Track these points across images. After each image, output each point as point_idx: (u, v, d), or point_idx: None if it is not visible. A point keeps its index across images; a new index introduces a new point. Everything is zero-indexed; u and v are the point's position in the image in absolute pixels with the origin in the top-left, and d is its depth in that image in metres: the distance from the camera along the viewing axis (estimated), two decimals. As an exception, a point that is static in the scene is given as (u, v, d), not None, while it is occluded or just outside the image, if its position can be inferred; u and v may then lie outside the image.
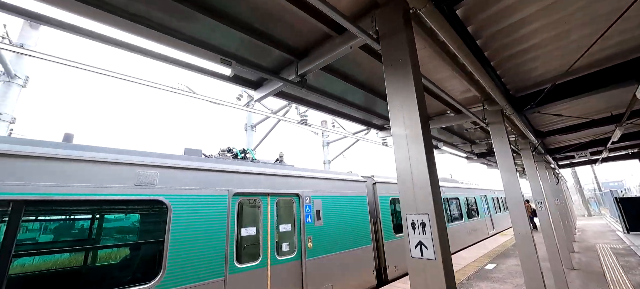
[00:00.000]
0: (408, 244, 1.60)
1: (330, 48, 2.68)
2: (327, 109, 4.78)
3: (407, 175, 1.73)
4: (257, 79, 3.49)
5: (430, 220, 1.50)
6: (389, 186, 8.08)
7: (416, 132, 1.75)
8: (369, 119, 5.62)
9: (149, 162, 3.68)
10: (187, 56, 2.36)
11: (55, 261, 3.01)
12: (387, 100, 2.01)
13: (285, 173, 5.32)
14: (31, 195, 2.85)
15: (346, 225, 6.16)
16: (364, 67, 3.56)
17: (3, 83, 7.19)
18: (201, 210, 4.00)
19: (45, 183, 2.94)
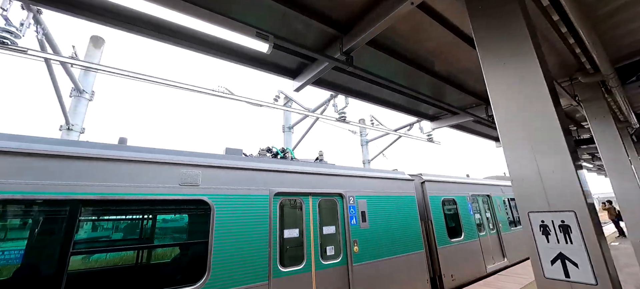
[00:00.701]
0: (536, 258, 1.11)
1: (381, 12, 2.26)
2: (371, 98, 4.35)
3: (527, 158, 1.21)
4: (296, 66, 3.22)
5: (580, 220, 0.98)
6: (440, 185, 7.27)
7: (540, 95, 1.23)
8: (418, 108, 5.05)
9: (192, 162, 3.64)
10: (224, 32, 2.16)
11: (107, 260, 3.06)
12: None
13: (326, 172, 4.99)
14: (87, 194, 2.93)
15: (394, 228, 5.60)
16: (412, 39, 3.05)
17: (74, 98, 8.08)
18: (243, 210, 3.86)
19: (99, 183, 3.01)
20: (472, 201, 8.17)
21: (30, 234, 2.69)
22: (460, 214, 7.45)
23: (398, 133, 10.57)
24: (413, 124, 11.57)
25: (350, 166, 5.64)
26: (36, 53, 4.83)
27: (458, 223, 7.36)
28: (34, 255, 2.67)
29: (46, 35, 5.52)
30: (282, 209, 4.37)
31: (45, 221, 2.80)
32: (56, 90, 6.44)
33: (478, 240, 7.69)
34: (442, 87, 4.13)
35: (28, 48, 4.68)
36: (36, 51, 4.84)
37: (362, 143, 13.96)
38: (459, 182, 8.02)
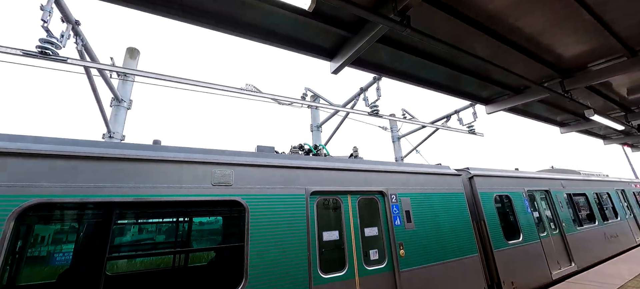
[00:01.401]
0: None
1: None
2: (416, 79, 3.82)
3: None
4: (331, 44, 2.84)
5: None
6: (491, 180, 6.44)
7: None
8: (469, 89, 4.39)
9: (224, 160, 3.41)
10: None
11: (139, 264, 2.91)
12: None
13: (365, 168, 4.54)
14: (121, 197, 2.79)
15: (443, 229, 4.97)
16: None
17: (114, 107, 8.46)
18: (279, 211, 3.55)
19: (133, 185, 2.87)
20: (529, 197, 7.18)
21: (65, 238, 2.60)
22: (516, 212, 6.54)
23: (435, 125, 9.75)
24: (450, 115, 10.64)
25: (389, 161, 5.13)
26: (76, 62, 5.00)
27: (515, 222, 6.46)
28: (76, 259, 2.57)
29: (85, 46, 5.75)
30: (320, 209, 4.01)
31: (80, 226, 2.70)
32: (97, 100, 6.72)
33: (539, 242, 6.69)
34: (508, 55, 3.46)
35: (68, 57, 4.84)
36: (76, 60, 5.01)
37: (393, 139, 13.22)
38: (513, 176, 7.08)
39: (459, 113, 10.36)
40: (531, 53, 3.53)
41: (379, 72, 3.43)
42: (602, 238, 9.06)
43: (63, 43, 5.04)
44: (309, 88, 9.21)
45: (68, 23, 5.22)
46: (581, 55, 3.50)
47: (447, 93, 4.15)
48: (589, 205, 9.34)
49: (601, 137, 6.67)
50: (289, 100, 7.25)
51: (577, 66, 3.65)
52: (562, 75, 3.94)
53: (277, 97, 6.51)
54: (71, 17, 5.12)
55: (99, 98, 6.88)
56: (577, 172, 11.08)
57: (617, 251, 9.65)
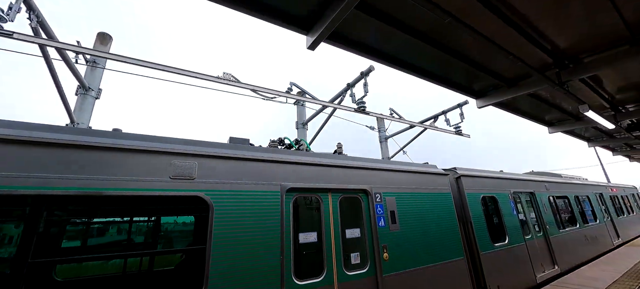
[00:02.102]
0: None
1: None
2: (404, 64, 3.49)
3: None
4: (307, 11, 2.48)
5: None
6: (478, 181, 6.27)
7: None
8: (461, 79, 4.11)
9: (186, 150, 2.99)
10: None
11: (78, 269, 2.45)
12: None
13: (348, 165, 4.21)
14: (51, 190, 2.32)
15: (430, 231, 4.71)
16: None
17: (80, 96, 7.78)
18: (249, 209, 3.16)
19: (62, 176, 2.40)
20: (514, 199, 7.08)
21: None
22: (502, 214, 6.41)
23: (423, 125, 9.59)
24: (438, 116, 10.55)
25: (374, 158, 4.83)
26: (24, 38, 4.40)
27: (501, 224, 6.32)
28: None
29: (41, 22, 5.15)
30: (297, 208, 3.64)
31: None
32: (57, 86, 6.07)
33: (524, 244, 6.59)
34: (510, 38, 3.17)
35: (14, 32, 4.26)
36: (25, 35, 4.41)
37: (381, 139, 13.04)
38: (499, 177, 6.96)
39: (446, 113, 10.27)
40: (531, 38, 3.30)
41: (364, 53, 3.07)
42: (583, 240, 9.15)
43: (11, 16, 4.45)
44: (294, 83, 8.83)
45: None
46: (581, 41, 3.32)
47: (437, 82, 3.87)
48: (570, 208, 9.42)
49: (586, 139, 6.67)
50: (271, 93, 6.85)
51: (574, 54, 3.47)
52: (559, 66, 3.78)
53: (257, 87, 6.09)
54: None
55: (59, 83, 6.21)
56: (558, 175, 11.24)
57: (597, 253, 9.80)
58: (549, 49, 3.42)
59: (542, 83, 3.67)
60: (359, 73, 7.40)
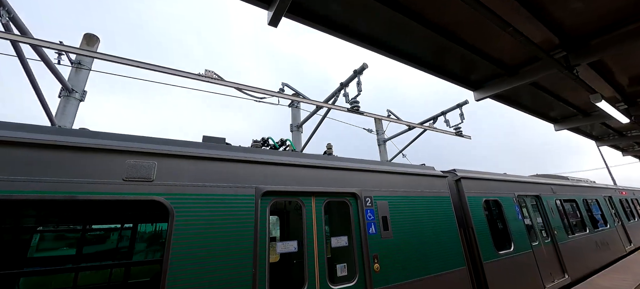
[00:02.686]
0: None
1: None
2: (390, 49, 3.08)
3: None
4: None
5: None
6: (479, 184, 5.85)
7: None
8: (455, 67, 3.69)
9: (143, 149, 2.64)
10: None
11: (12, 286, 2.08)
12: None
13: (334, 165, 3.83)
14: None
15: (426, 238, 4.30)
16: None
17: (63, 99, 7.50)
18: (217, 216, 2.79)
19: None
20: (519, 203, 6.64)
21: None
22: (507, 219, 5.96)
23: (422, 127, 9.21)
24: (437, 117, 10.17)
25: (365, 159, 4.45)
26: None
27: (505, 230, 5.88)
28: None
29: (13, 18, 4.89)
30: (276, 214, 3.26)
31: None
32: (34, 86, 5.79)
33: (531, 252, 6.12)
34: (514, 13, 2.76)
35: None
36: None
37: (379, 142, 12.65)
38: (502, 180, 6.53)
39: (445, 114, 9.89)
40: (535, 11, 2.89)
41: (336, 32, 2.65)
42: (593, 246, 8.63)
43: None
44: (286, 84, 8.51)
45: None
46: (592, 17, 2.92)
47: (429, 71, 3.47)
48: (579, 212, 8.93)
49: (594, 137, 6.22)
50: (261, 93, 6.52)
51: (585, 33, 3.06)
52: (567, 47, 3.36)
53: (244, 86, 5.77)
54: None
55: (36, 83, 5.92)
56: (565, 178, 10.74)
57: (609, 261, 9.24)
58: (557, 25, 2.97)
59: (547, 67, 3.27)
60: (352, 71, 7.08)
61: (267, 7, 2.18)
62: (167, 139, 2.90)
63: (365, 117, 8.28)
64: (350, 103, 7.25)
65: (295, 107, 10.42)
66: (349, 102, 7.30)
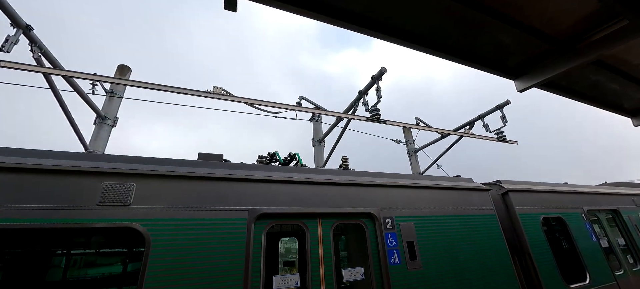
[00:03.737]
0: None
1: None
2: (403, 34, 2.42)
3: None
4: None
5: None
6: (535, 197, 4.77)
7: None
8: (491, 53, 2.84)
9: (119, 169, 2.37)
10: None
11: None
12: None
13: (345, 181, 3.26)
14: None
15: (467, 269, 3.43)
16: None
17: (97, 125, 8.01)
18: (201, 244, 2.38)
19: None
20: (590, 220, 5.30)
21: None
22: (576, 242, 4.73)
23: (457, 133, 8.19)
24: (474, 121, 9.04)
25: (383, 172, 3.80)
26: (9, 65, 4.42)
27: (575, 256, 4.64)
28: None
29: (44, 53, 5.30)
30: (273, 241, 2.78)
31: None
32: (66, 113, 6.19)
33: (616, 284, 4.75)
34: None
35: (1, 60, 4.28)
36: (9, 62, 4.43)
37: (409, 153, 11.65)
38: (564, 191, 5.31)
39: (483, 118, 8.75)
40: None
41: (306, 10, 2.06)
42: None
43: (7, 47, 4.55)
44: (303, 97, 8.22)
45: (17, 28, 4.78)
46: None
47: (456, 59, 2.74)
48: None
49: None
50: (275, 107, 6.25)
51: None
52: None
53: (253, 101, 5.55)
54: (21, 21, 4.67)
55: (68, 111, 6.31)
56: None
57: None
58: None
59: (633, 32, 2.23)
60: (370, 77, 6.55)
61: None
62: (151, 158, 2.63)
63: (391, 125, 7.58)
64: (370, 112, 6.66)
65: (316, 121, 10.07)
66: (369, 111, 6.71)
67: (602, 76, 3.42)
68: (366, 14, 2.12)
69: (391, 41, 2.33)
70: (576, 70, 2.79)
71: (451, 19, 2.20)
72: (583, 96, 3.84)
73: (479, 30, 2.46)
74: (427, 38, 2.41)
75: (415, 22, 2.24)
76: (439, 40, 2.49)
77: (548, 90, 3.34)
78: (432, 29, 2.34)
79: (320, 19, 2.04)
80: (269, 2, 1.82)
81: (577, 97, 3.72)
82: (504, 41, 2.63)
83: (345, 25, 2.10)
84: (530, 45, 2.71)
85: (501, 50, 2.71)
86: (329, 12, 1.99)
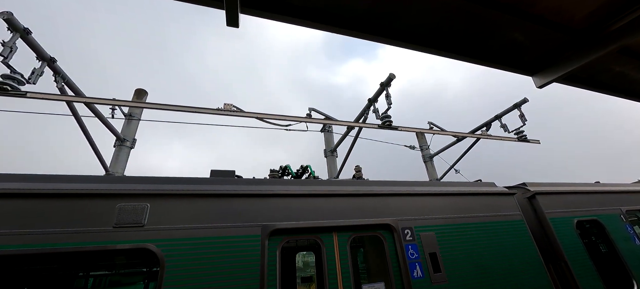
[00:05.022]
0: None
1: None
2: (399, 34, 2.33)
3: None
4: None
5: None
6: (566, 199, 4.44)
7: None
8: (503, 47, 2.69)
9: (134, 190, 2.39)
10: None
11: None
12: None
13: (361, 192, 3.16)
14: None
15: (496, 281, 3.19)
16: None
17: (116, 148, 8.31)
18: (215, 263, 2.34)
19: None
20: (630, 220, 4.87)
21: None
22: (617, 246, 4.33)
23: (474, 135, 7.89)
24: (490, 122, 8.71)
25: (400, 181, 3.65)
26: (36, 95, 4.67)
27: (618, 261, 4.24)
28: None
29: (67, 82, 5.61)
30: (290, 256, 2.69)
31: None
32: (88, 138, 6.46)
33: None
34: None
35: (28, 91, 4.54)
36: (36, 92, 4.69)
37: (424, 159, 11.33)
38: (598, 191, 4.92)
39: (500, 118, 8.41)
40: None
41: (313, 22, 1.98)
42: None
43: (33, 79, 4.84)
44: (313, 108, 8.23)
45: (42, 61, 5.09)
46: None
47: (468, 58, 2.60)
48: None
49: None
50: (285, 120, 6.27)
51: None
52: None
53: (263, 115, 5.59)
54: (45, 55, 4.98)
55: (90, 136, 6.58)
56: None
57: None
58: None
59: None
60: (379, 84, 6.48)
61: (221, 6, 1.79)
62: (163, 177, 2.65)
63: (404, 131, 7.41)
64: (380, 119, 6.55)
65: (327, 131, 10.03)
66: (380, 118, 6.60)
67: (628, 65, 3.18)
68: (371, 20, 2.09)
69: (399, 45, 2.26)
70: (598, 62, 2.61)
71: (459, 17, 2.12)
72: (608, 88, 3.58)
73: (490, 26, 2.36)
74: (434, 39, 2.34)
75: (421, 23, 2.18)
76: (447, 40, 2.41)
77: (569, 84, 3.14)
78: (439, 28, 2.27)
79: (324, 28, 2.02)
80: (271, 16, 1.82)
81: (602, 89, 3.48)
82: (517, 36, 2.51)
83: (351, 33, 2.06)
84: (546, 38, 2.56)
85: (515, 45, 2.58)
86: (333, 21, 1.96)
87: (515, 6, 2.08)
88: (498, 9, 2.13)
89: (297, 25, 1.94)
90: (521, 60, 2.81)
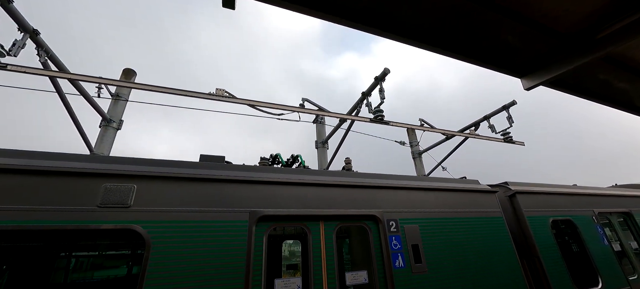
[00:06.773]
0: None
1: None
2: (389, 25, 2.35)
3: None
4: None
5: None
6: (543, 199, 4.65)
7: None
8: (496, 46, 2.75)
9: (121, 170, 2.36)
10: None
11: None
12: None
13: (349, 182, 3.22)
14: None
15: (473, 273, 3.35)
16: None
17: (102, 128, 8.10)
18: (201, 246, 2.36)
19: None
20: (601, 222, 5.16)
21: None
22: (586, 244, 4.60)
23: (462, 134, 8.08)
24: (479, 122, 8.92)
25: (387, 174, 3.73)
26: (15, 69, 4.47)
27: (586, 260, 4.51)
28: None
29: (51, 57, 5.38)
30: (275, 244, 2.74)
31: None
32: (72, 117, 6.26)
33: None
34: None
35: (8, 63, 4.34)
36: (16, 65, 4.49)
37: (413, 155, 11.55)
38: (573, 193, 5.17)
39: (489, 119, 8.62)
40: None
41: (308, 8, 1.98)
42: None
43: (14, 52, 4.63)
44: (306, 99, 8.20)
45: (25, 32, 4.85)
46: None
47: (460, 57, 2.65)
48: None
49: None
50: (277, 109, 6.23)
51: None
52: None
53: (256, 102, 5.54)
54: (28, 26, 4.74)
55: (74, 114, 6.38)
56: None
57: None
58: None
59: None
60: (373, 78, 6.51)
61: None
62: (152, 160, 2.62)
63: (395, 127, 7.51)
64: (373, 113, 6.60)
65: (320, 123, 10.04)
66: (372, 112, 6.66)
67: (611, 73, 3.33)
68: (370, 11, 2.09)
69: (396, 39, 2.27)
70: (584, 68, 2.72)
71: (459, 15, 2.14)
72: (592, 94, 3.73)
73: (487, 27, 2.41)
74: (432, 35, 2.36)
75: (421, 19, 2.20)
76: (446, 38, 2.44)
77: (556, 88, 3.25)
78: (438, 25, 2.30)
79: (320, 16, 2.00)
80: (268, 0, 1.79)
81: (586, 95, 3.62)
82: (511, 38, 2.58)
83: (349, 24, 2.06)
84: (536, 42, 2.64)
85: (508, 47, 2.64)
86: (331, 10, 1.95)
87: (512, 8, 2.14)
88: (497, 11, 2.17)
89: (295, 11, 1.92)
90: (512, 62, 2.88)
